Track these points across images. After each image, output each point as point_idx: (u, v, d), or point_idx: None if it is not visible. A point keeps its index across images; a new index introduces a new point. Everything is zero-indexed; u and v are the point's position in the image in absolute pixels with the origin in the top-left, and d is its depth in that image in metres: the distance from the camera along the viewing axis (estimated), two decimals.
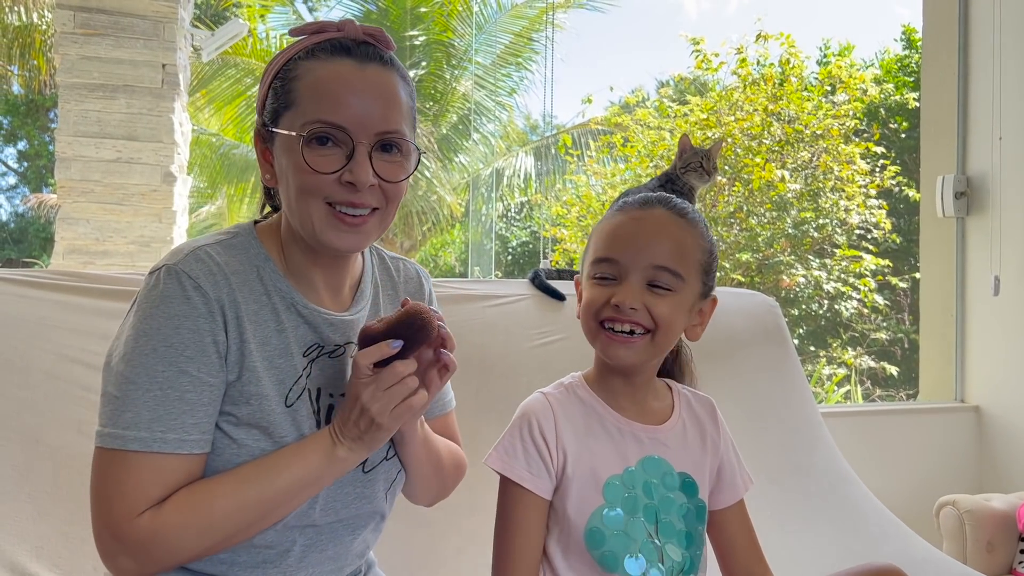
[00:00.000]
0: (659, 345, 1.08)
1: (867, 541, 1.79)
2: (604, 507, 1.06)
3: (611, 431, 1.11)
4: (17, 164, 14.76)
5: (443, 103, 9.73)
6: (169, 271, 0.95)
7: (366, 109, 0.97)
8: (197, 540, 0.92)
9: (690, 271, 1.08)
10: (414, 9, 9.41)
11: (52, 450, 1.36)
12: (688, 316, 1.11)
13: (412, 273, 1.22)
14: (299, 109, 0.97)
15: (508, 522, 1.08)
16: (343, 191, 0.97)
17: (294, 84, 0.98)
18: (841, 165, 6.59)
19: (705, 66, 7.34)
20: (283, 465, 0.95)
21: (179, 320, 0.93)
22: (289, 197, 0.99)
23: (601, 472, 1.08)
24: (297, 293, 1.03)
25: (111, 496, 0.92)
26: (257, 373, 0.97)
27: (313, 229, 0.99)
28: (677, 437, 1.14)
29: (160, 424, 0.91)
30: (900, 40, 10.16)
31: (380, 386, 0.94)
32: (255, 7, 9.47)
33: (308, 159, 0.95)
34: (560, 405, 1.12)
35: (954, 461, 2.89)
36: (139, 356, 0.92)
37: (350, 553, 1.10)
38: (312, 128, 0.96)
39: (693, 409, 1.19)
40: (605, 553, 1.05)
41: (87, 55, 4.22)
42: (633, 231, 1.09)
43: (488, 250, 11.11)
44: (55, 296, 1.47)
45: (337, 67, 0.98)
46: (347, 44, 1.00)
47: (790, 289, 7.03)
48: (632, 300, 1.05)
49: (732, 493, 1.18)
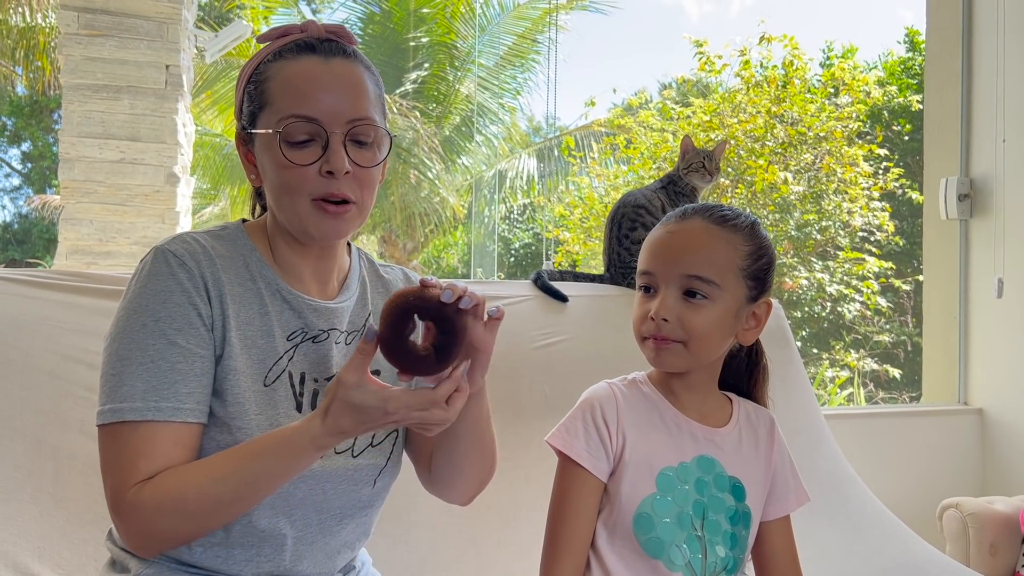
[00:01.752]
0: (696, 354, 1.10)
1: (870, 544, 1.78)
2: (656, 495, 1.09)
3: (669, 425, 1.14)
4: (21, 165, 14.79)
5: (446, 105, 9.73)
6: (156, 252, 1.00)
7: (336, 100, 1.01)
8: (173, 522, 0.93)
9: (727, 277, 1.09)
10: (417, 11, 9.42)
11: (54, 450, 1.36)
12: (734, 322, 1.12)
13: (399, 275, 1.24)
14: (273, 108, 1.02)
15: (563, 501, 1.11)
16: (323, 183, 1.00)
17: (266, 85, 1.03)
18: (844, 167, 6.59)
19: (708, 68, 7.34)
20: (260, 450, 0.94)
21: (165, 295, 0.97)
22: (273, 194, 1.04)
23: (656, 462, 1.11)
24: (282, 281, 1.07)
25: (112, 469, 0.95)
26: (234, 349, 1.00)
27: (300, 223, 1.03)
28: (732, 442, 1.16)
29: (154, 394, 0.94)
30: (903, 42, 10.16)
31: (412, 406, 0.89)
32: (258, 9, 9.49)
33: (287, 154, 0.99)
34: (623, 395, 1.15)
35: (957, 464, 2.89)
36: (130, 333, 0.96)
37: (341, 542, 1.11)
38: (287, 123, 0.99)
39: (751, 421, 1.21)
40: (651, 539, 1.08)
41: (91, 56, 4.23)
42: (668, 243, 1.12)
43: (491, 252, 11.11)
44: (58, 296, 1.47)
45: (304, 64, 1.02)
46: (311, 43, 1.04)
47: (793, 291, 7.03)
48: (664, 311, 1.08)
49: (780, 507, 1.20)
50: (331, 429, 0.91)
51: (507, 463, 1.65)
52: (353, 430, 0.91)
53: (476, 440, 1.11)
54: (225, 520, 0.97)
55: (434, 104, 9.65)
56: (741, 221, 1.13)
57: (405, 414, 0.90)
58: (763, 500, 1.18)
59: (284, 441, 0.93)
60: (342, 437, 0.92)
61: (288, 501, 1.02)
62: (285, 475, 0.94)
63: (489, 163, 10.24)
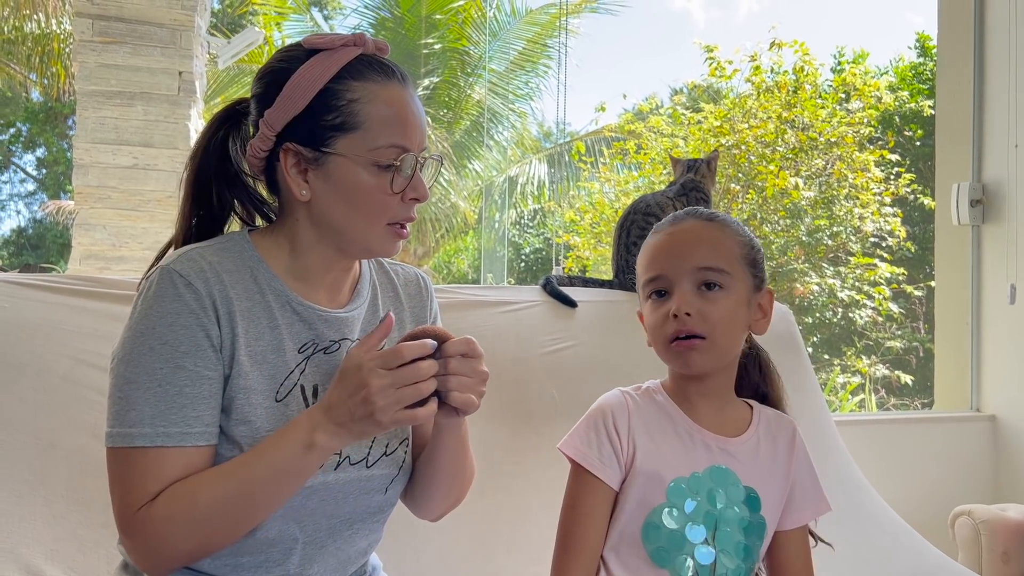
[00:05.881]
0: (720, 348, 1.11)
1: (881, 551, 1.77)
2: (665, 506, 1.09)
3: (682, 435, 1.14)
4: (36, 171, 14.91)
5: (457, 110, 9.76)
6: (162, 272, 0.99)
7: (418, 128, 1.04)
8: (184, 532, 0.93)
9: (735, 265, 1.12)
10: (429, 17, 9.45)
11: (67, 453, 1.37)
12: (747, 312, 1.14)
13: (412, 276, 1.24)
14: (368, 133, 1.01)
15: (575, 509, 1.12)
16: (405, 208, 1.04)
17: (356, 107, 1.01)
18: (855, 173, 6.57)
19: (719, 73, 7.33)
20: (261, 453, 0.96)
21: (172, 317, 0.96)
22: (344, 214, 1.03)
23: (667, 473, 1.11)
24: (292, 291, 1.06)
25: (121, 490, 0.95)
26: (244, 368, 0.99)
27: (367, 243, 1.05)
28: (749, 451, 1.15)
29: (163, 419, 0.94)
30: (914, 48, 10.11)
31: (396, 382, 0.92)
32: (271, 15, 9.55)
33: (381, 179, 1.01)
34: (636, 403, 1.16)
35: (969, 470, 2.87)
36: (137, 356, 0.95)
37: (352, 551, 1.11)
38: (391, 153, 1.01)
39: (771, 429, 1.20)
40: (658, 548, 1.08)
41: (105, 63, 4.26)
42: (670, 244, 1.14)
43: (501, 257, 11.12)
44: (72, 301, 1.48)
45: (392, 91, 1.03)
46: (388, 66, 1.05)
47: (804, 297, 7.00)
48: (686, 306, 1.09)
49: (796, 517, 1.19)
50: (322, 404, 0.94)
51: (516, 468, 1.65)
52: (340, 403, 0.93)
53: (454, 469, 1.14)
54: (237, 526, 0.96)
55: (445, 109, 9.68)
56: (728, 219, 1.18)
57: (378, 381, 0.91)
58: (779, 510, 1.17)
59: (284, 429, 0.96)
60: (332, 414, 0.93)
61: (300, 512, 1.02)
62: (290, 465, 0.94)
63: (500, 168, 10.26)
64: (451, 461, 1.12)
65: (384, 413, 0.91)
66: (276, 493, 0.96)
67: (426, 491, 1.16)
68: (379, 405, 0.91)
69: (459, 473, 1.16)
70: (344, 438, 0.94)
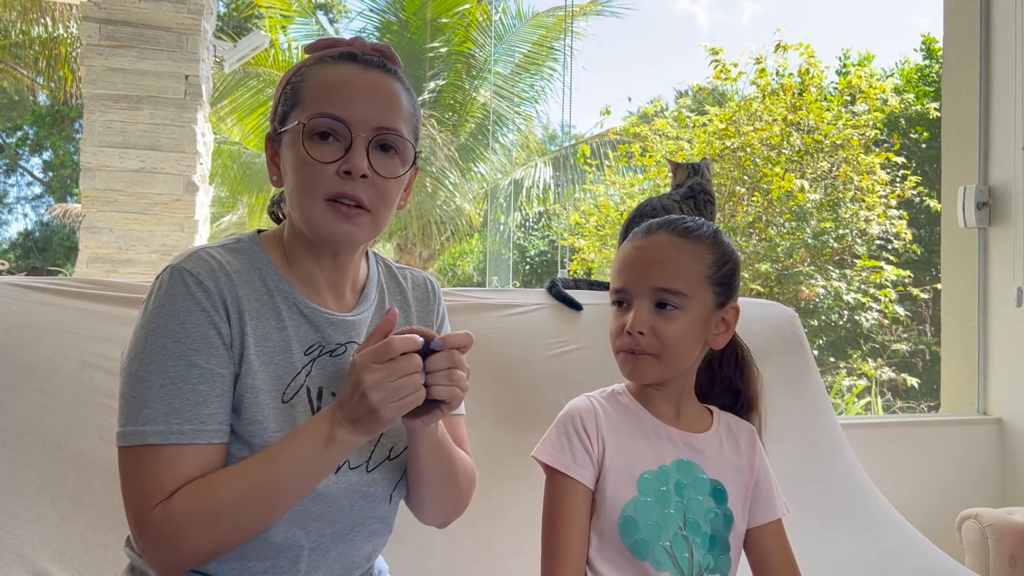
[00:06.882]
0: (669, 364, 1.15)
1: (887, 554, 1.77)
2: (638, 498, 1.13)
3: (648, 432, 1.18)
4: (43, 174, 14.98)
5: (462, 113, 9.77)
6: (172, 271, 0.99)
7: (366, 105, 1.02)
8: (203, 528, 0.93)
9: (694, 287, 1.15)
10: (434, 20, 9.46)
11: (75, 456, 1.38)
12: (704, 329, 1.17)
13: (420, 279, 1.25)
14: (304, 105, 1.03)
15: (556, 512, 1.14)
16: (338, 182, 1.00)
17: (301, 86, 1.04)
18: (861, 175, 6.56)
19: (724, 76, 7.33)
20: (282, 449, 0.96)
21: (184, 316, 0.97)
22: (291, 193, 1.04)
23: (636, 467, 1.14)
24: (299, 294, 1.06)
25: (135, 489, 0.95)
26: (252, 367, 1.00)
27: (313, 222, 1.02)
28: (713, 447, 1.20)
29: (176, 416, 0.94)
30: (920, 50, 10.10)
31: (390, 375, 0.93)
32: (276, 19, 9.58)
33: (309, 149, 1.00)
34: (602, 406, 1.20)
35: (976, 474, 2.86)
36: (149, 354, 0.96)
37: (357, 556, 1.11)
38: (314, 119, 1.00)
39: (732, 430, 1.24)
40: (637, 541, 1.11)
41: (112, 67, 4.28)
42: (636, 258, 1.18)
43: (506, 259, 11.12)
44: (79, 304, 1.49)
45: (342, 69, 1.04)
46: (355, 53, 1.06)
47: (809, 300, 6.99)
48: (639, 324, 1.14)
49: (769, 511, 1.22)
50: (337, 401, 0.96)
51: (522, 471, 1.65)
52: (346, 401, 0.94)
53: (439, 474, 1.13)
54: (254, 523, 0.97)
55: (450, 112, 9.68)
56: (704, 231, 1.18)
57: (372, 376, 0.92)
58: (746, 504, 1.20)
59: (304, 425, 0.98)
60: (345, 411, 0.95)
61: (305, 517, 1.02)
62: (312, 460, 0.96)
63: (505, 171, 10.26)
64: (433, 466, 1.11)
65: (384, 406, 0.93)
66: (296, 489, 0.97)
67: (419, 498, 1.16)
68: (378, 398, 0.92)
69: (448, 479, 1.14)
70: (359, 434, 0.96)
